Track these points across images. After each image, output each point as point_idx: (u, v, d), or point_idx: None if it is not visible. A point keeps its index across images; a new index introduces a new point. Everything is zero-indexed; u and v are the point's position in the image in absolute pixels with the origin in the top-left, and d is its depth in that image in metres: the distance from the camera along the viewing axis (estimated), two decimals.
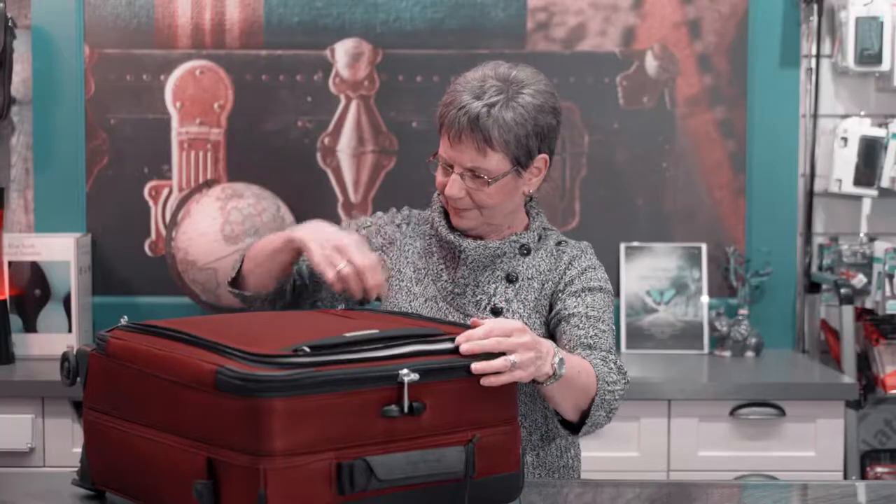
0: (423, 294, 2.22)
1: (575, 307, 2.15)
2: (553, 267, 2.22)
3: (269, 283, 2.22)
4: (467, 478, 1.71)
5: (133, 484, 1.75)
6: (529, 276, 2.21)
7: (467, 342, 1.76)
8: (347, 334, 1.69)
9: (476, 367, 1.74)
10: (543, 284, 2.21)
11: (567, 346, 2.11)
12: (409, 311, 2.19)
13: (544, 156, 2.18)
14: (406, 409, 1.66)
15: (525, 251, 2.22)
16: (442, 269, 2.23)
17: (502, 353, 1.78)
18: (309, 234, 2.14)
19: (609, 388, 2.03)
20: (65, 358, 1.85)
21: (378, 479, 1.62)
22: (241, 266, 2.25)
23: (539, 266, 2.22)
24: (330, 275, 2.07)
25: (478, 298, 2.20)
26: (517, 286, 2.20)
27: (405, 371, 1.66)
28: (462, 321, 2.15)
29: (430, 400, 1.69)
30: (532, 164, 2.17)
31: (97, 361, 1.80)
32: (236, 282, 2.26)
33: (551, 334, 2.18)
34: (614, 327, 2.19)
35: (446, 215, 2.25)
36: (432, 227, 2.26)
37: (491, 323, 1.80)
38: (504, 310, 2.18)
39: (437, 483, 1.69)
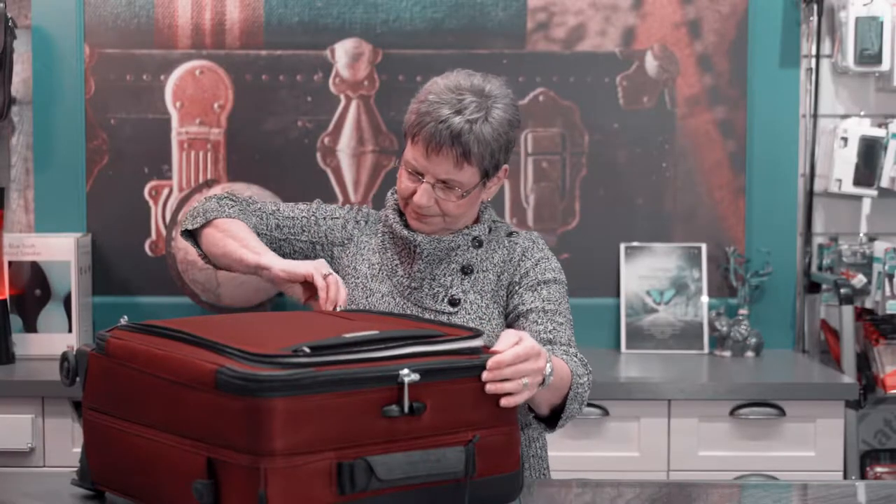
0: (379, 290, 2.25)
1: (532, 302, 2.21)
2: (507, 258, 2.26)
3: (225, 266, 2.27)
4: (467, 478, 1.71)
5: (133, 484, 1.75)
6: (485, 269, 2.25)
7: (494, 370, 1.77)
8: (347, 335, 1.69)
9: (490, 388, 1.77)
10: (499, 276, 2.25)
11: None
12: (409, 314, 2.21)
13: (506, 166, 2.26)
14: (407, 410, 1.66)
15: (477, 243, 2.26)
16: (397, 265, 2.26)
17: None
18: (279, 260, 2.17)
19: (580, 380, 2.09)
20: (64, 358, 1.85)
21: (378, 479, 1.62)
22: (201, 229, 2.27)
23: (493, 258, 2.26)
24: (319, 280, 2.09)
25: (435, 291, 2.23)
26: (472, 277, 2.24)
27: (406, 371, 1.66)
28: (419, 314, 2.20)
29: (430, 400, 1.69)
30: (496, 174, 2.23)
31: (97, 361, 1.80)
32: (191, 234, 2.30)
33: (509, 328, 2.21)
34: (571, 317, 2.24)
35: (401, 213, 2.28)
36: (385, 225, 2.29)
37: (518, 348, 1.81)
38: (461, 301, 2.22)
39: (437, 483, 1.69)
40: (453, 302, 2.22)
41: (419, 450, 1.67)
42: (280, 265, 2.15)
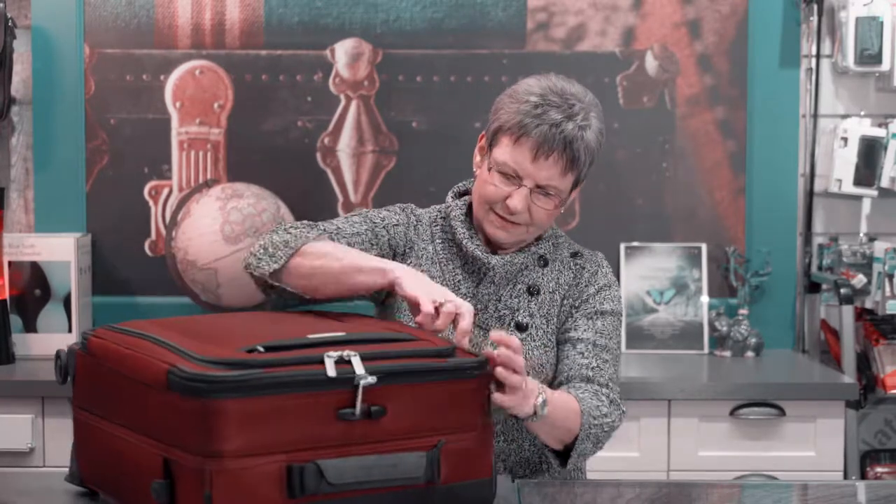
0: None
1: (584, 332, 2.15)
2: (573, 282, 2.20)
3: (327, 293, 2.02)
4: (430, 483, 1.68)
5: (109, 481, 1.76)
6: (551, 290, 2.18)
7: (509, 357, 1.79)
8: (311, 336, 1.67)
9: (501, 372, 1.79)
10: (563, 299, 2.19)
11: (567, 373, 2.11)
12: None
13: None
14: (363, 413, 1.63)
15: (543, 262, 2.20)
16: (460, 281, 2.17)
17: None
18: (405, 271, 1.96)
19: (595, 422, 2.03)
20: (58, 356, 1.86)
21: (329, 483, 1.59)
22: (287, 262, 2.01)
23: (559, 279, 2.20)
24: (428, 307, 1.88)
25: (501, 314, 2.16)
26: (539, 299, 2.17)
27: (361, 373, 1.62)
28: (482, 337, 2.11)
29: (392, 403, 1.65)
30: (578, 186, 2.17)
31: (82, 359, 1.82)
32: (276, 275, 2.02)
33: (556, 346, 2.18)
34: (619, 351, 2.19)
35: (469, 224, 2.20)
36: (444, 232, 2.21)
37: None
38: (528, 325, 2.15)
39: (401, 488, 1.66)
40: (520, 327, 2.15)
41: (375, 454, 1.64)
42: (404, 276, 1.93)
